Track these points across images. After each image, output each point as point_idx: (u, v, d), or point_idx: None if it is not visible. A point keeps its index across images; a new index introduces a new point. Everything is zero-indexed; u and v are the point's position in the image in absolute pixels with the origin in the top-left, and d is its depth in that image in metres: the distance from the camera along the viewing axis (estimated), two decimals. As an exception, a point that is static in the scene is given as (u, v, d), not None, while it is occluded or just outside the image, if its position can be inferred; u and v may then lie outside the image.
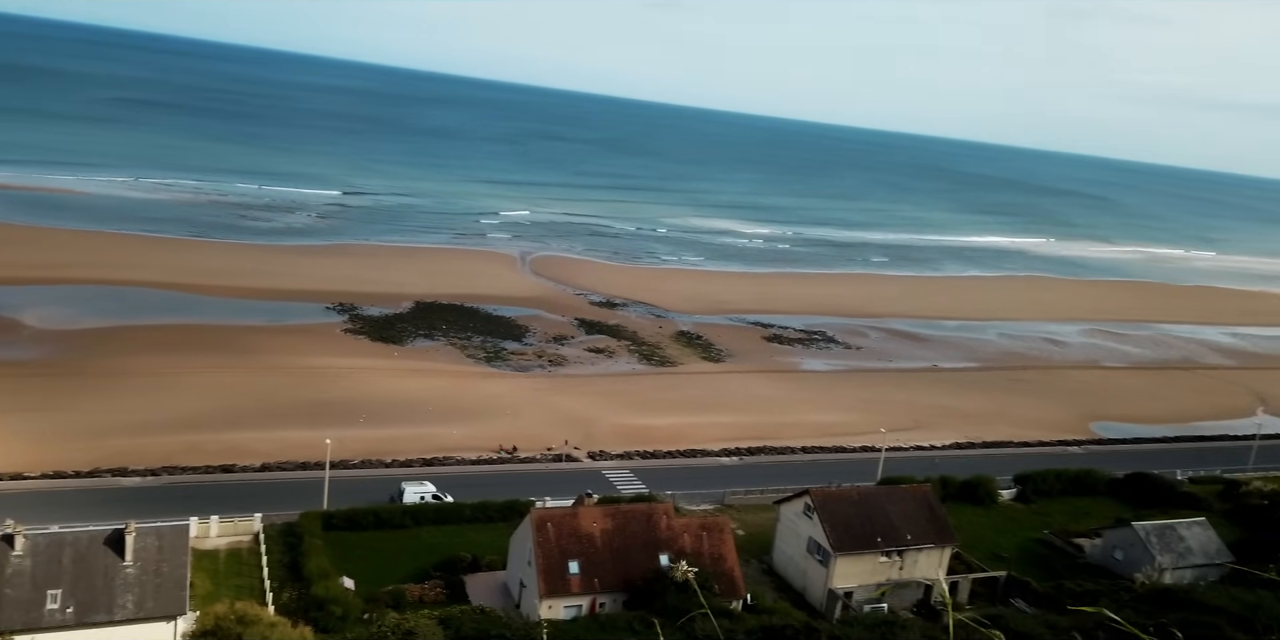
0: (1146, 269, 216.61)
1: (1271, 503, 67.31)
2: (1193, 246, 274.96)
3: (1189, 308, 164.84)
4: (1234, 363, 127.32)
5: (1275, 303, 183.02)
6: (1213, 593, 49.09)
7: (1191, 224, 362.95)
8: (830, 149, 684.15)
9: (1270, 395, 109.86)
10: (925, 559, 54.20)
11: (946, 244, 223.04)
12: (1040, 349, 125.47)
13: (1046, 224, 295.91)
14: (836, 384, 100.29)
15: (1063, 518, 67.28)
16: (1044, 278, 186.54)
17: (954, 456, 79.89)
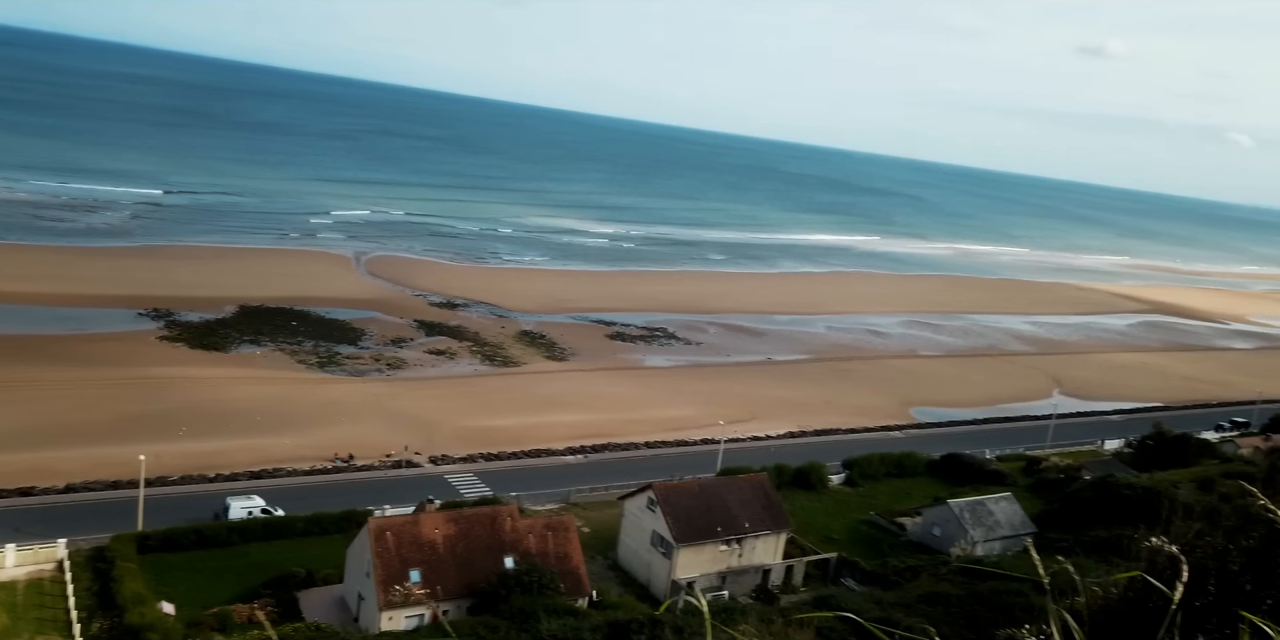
0: (957, 263, 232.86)
1: (1066, 476, 74.11)
2: (997, 242, 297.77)
3: (994, 299, 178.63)
4: (1033, 349, 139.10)
5: (1067, 293, 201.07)
6: (1018, 562, 53.59)
7: (995, 221, 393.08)
8: (669, 149, 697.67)
9: (1064, 378, 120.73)
10: (763, 545, 56.40)
11: (779, 242, 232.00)
12: (865, 340, 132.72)
13: (869, 222, 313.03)
14: (678, 379, 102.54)
15: (887, 499, 71.59)
16: (868, 273, 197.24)
17: (788, 445, 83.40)
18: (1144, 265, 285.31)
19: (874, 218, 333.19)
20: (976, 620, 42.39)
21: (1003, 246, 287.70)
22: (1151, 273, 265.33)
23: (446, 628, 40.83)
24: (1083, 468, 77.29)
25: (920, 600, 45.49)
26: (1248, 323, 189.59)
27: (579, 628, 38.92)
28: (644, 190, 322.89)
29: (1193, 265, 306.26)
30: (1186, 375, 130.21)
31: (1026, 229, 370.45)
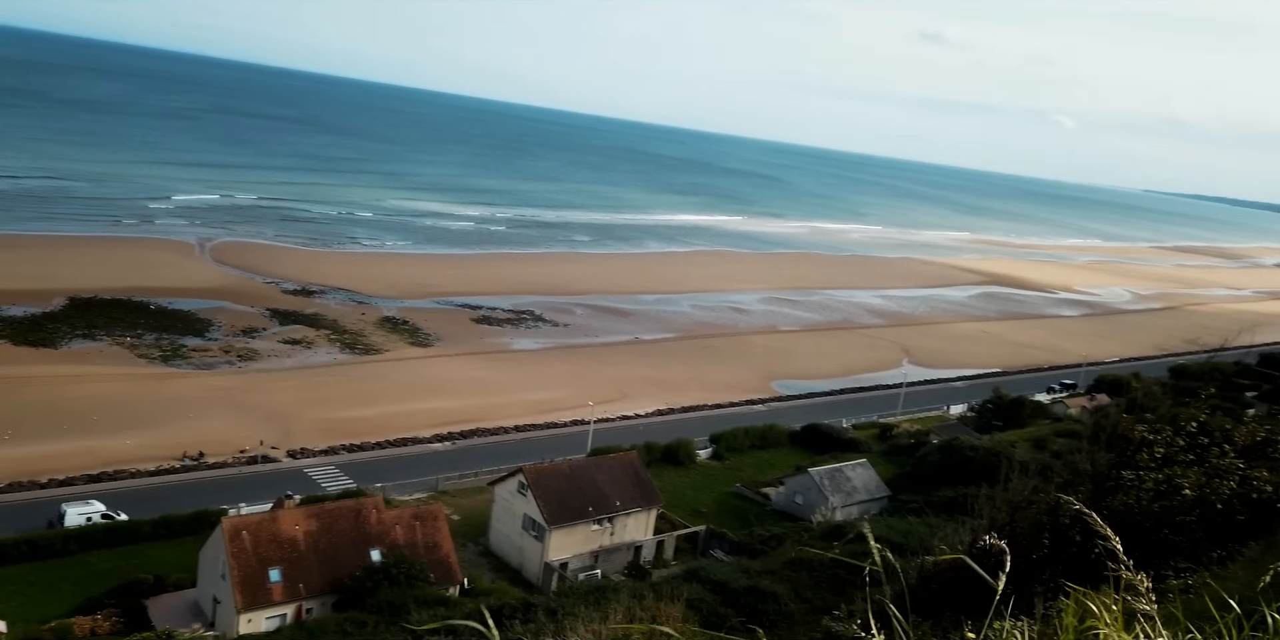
0: (813, 241, 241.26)
1: (916, 441, 78.43)
2: (849, 220, 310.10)
3: (848, 275, 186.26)
4: (883, 321, 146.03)
5: (913, 267, 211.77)
6: (874, 524, 56.42)
7: (847, 200, 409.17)
8: (532, 130, 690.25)
9: (912, 348, 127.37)
10: (634, 522, 57.22)
11: (644, 222, 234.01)
12: (728, 317, 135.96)
13: (730, 202, 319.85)
14: (546, 361, 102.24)
15: (752, 471, 73.90)
16: (729, 252, 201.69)
17: (657, 423, 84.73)
18: (982, 240, 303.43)
19: (734, 198, 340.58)
20: (837, 581, 44.45)
21: (854, 224, 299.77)
22: (988, 247, 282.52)
23: (309, 627, 39.58)
24: (931, 432, 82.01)
25: (785, 566, 47.20)
26: (1074, 292, 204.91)
27: (450, 617, 38.50)
28: (508, 172, 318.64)
29: (1025, 239, 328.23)
30: (1021, 342, 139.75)
31: (876, 207, 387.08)
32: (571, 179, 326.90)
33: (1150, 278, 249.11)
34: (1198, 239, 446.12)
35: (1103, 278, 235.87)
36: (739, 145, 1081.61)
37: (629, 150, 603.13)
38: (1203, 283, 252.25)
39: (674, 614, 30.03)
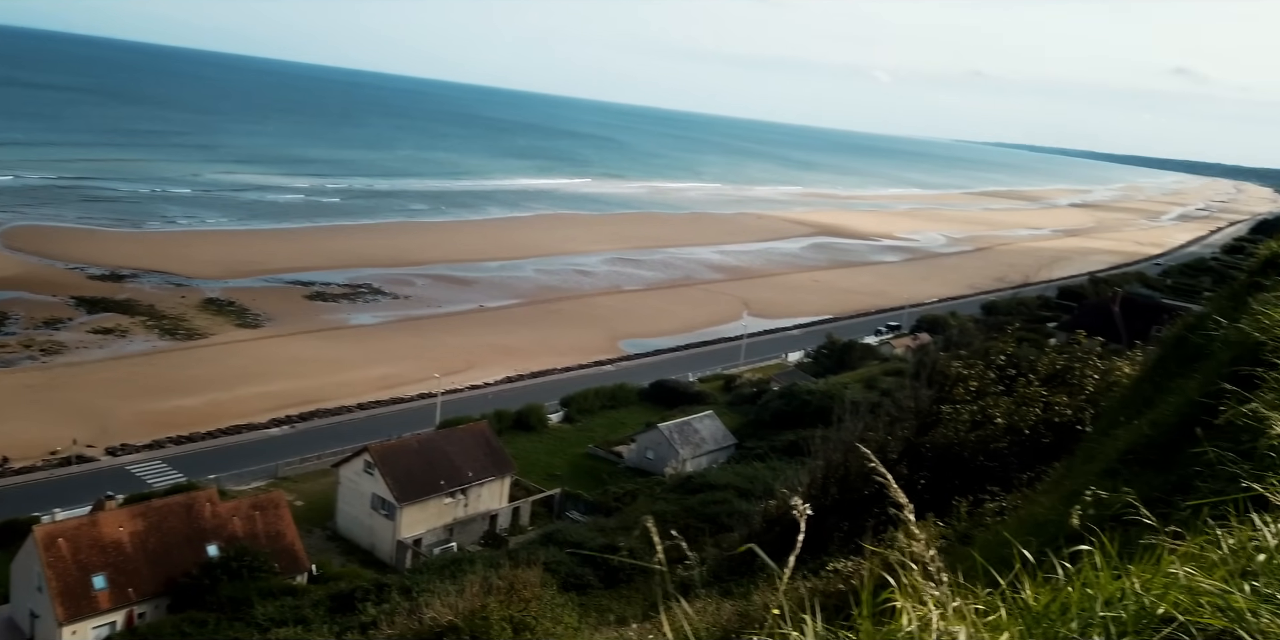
0: (653, 200, 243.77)
1: (758, 390, 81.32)
2: (686, 179, 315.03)
3: (687, 232, 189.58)
4: (723, 276, 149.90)
5: (748, 222, 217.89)
6: (722, 473, 58.33)
7: (684, 159, 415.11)
8: (358, 96, 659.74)
9: (751, 300, 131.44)
10: (488, 492, 56.73)
11: (483, 188, 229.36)
12: (572, 280, 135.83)
13: (570, 164, 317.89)
14: (388, 335, 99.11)
15: (604, 431, 74.62)
16: (571, 214, 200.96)
17: (506, 390, 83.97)
18: (810, 193, 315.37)
19: (574, 160, 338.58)
20: (689, 530, 45.75)
21: (692, 182, 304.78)
22: (816, 199, 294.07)
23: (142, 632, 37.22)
24: (771, 380, 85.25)
25: (639, 521, 48.28)
26: (895, 239, 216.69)
27: (299, 606, 37.09)
28: (335, 140, 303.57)
29: (849, 191, 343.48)
30: (849, 289, 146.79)
31: (711, 165, 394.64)
32: (404, 146, 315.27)
33: (961, 221, 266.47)
34: (1001, 184, 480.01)
35: (920, 224, 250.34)
36: (575, 107, 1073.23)
37: (462, 114, 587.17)
38: (1007, 224, 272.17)
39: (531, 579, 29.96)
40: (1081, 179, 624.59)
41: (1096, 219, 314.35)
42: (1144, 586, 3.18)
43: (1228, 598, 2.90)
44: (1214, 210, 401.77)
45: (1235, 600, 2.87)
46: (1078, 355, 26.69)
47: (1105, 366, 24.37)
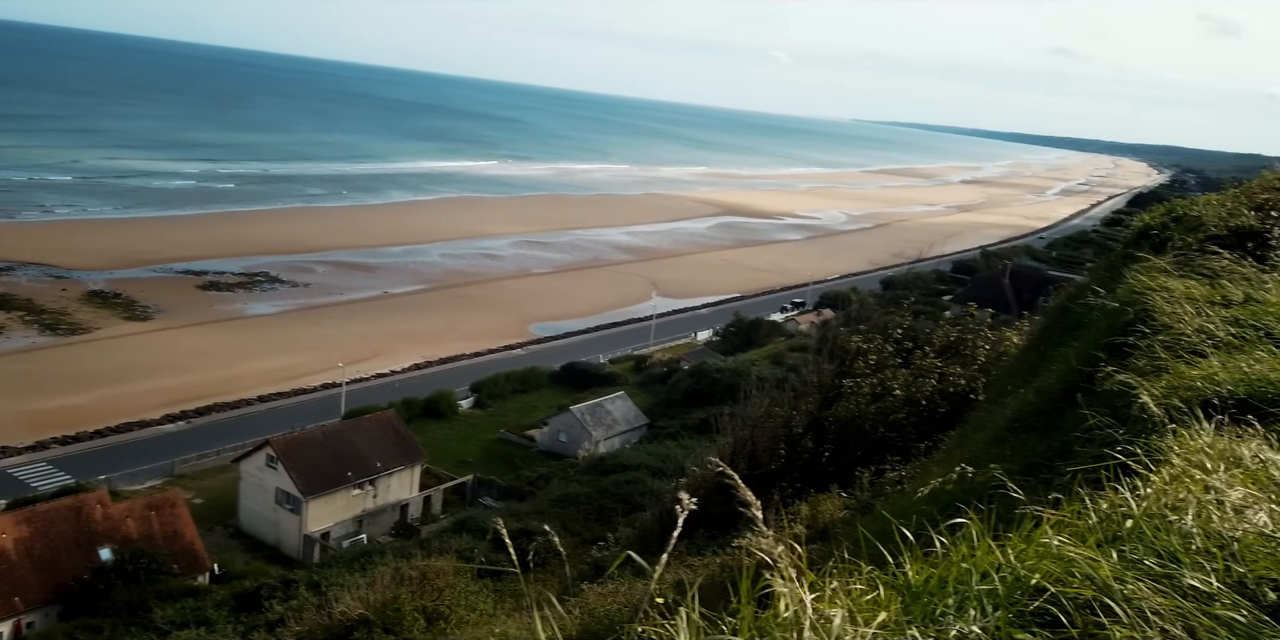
0: (559, 182, 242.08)
1: (669, 369, 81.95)
2: (592, 160, 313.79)
3: (595, 214, 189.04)
4: (631, 257, 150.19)
5: (655, 202, 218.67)
6: (635, 453, 58.68)
7: (590, 140, 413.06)
8: (246, 76, 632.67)
9: (660, 280, 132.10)
10: (398, 481, 55.73)
11: (383, 171, 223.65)
12: (480, 264, 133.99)
13: (473, 146, 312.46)
14: (288, 325, 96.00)
15: (516, 415, 74.10)
16: (476, 197, 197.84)
17: (414, 377, 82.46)
18: (715, 173, 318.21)
19: (478, 142, 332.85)
20: (604, 511, 45.96)
21: (599, 164, 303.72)
22: (721, 179, 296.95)
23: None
24: (681, 359, 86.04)
25: (553, 504, 48.14)
26: (797, 217, 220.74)
27: (200, 607, 35.80)
28: (227, 123, 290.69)
29: (753, 170, 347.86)
30: (755, 267, 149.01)
31: (618, 146, 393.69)
32: (299, 128, 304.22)
33: (861, 199, 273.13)
34: (898, 162, 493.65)
35: (821, 202, 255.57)
36: (476, 87, 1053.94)
37: (358, 95, 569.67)
38: (904, 201, 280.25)
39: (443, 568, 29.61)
40: (972, 156, 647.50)
41: (987, 195, 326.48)
42: (1018, 557, 3.22)
43: (1094, 566, 2.96)
44: (1094, 185, 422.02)
45: (1101, 569, 2.92)
46: (970, 327, 27.60)
47: (995, 337, 25.27)
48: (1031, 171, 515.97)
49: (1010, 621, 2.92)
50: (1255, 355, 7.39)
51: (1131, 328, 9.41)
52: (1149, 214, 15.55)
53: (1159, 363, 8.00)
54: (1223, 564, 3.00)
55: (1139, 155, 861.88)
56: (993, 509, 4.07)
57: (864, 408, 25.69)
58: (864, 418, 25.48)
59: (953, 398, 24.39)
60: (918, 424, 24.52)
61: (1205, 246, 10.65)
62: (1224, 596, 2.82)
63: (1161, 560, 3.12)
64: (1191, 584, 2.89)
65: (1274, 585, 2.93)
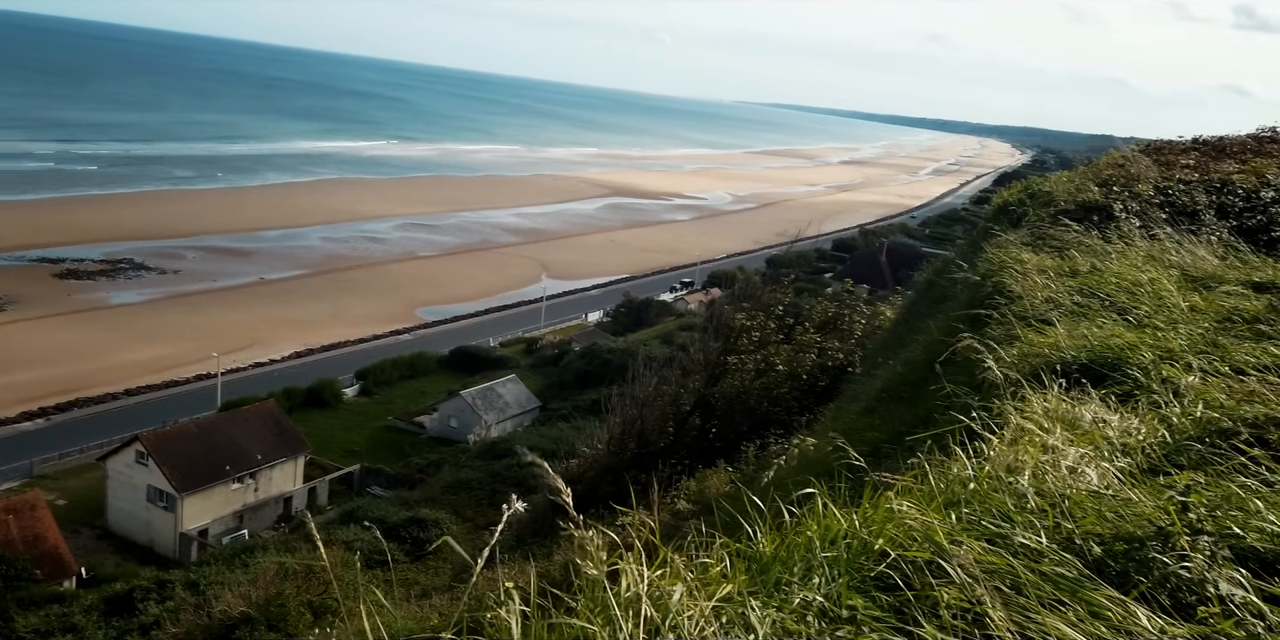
0: (445, 163, 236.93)
1: (560, 351, 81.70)
2: (480, 141, 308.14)
3: (482, 195, 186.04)
4: (520, 239, 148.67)
5: (543, 183, 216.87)
6: (527, 436, 58.33)
7: (476, 120, 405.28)
8: (107, 51, 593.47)
9: (549, 262, 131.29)
10: (280, 474, 53.84)
11: (259, 152, 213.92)
12: (363, 248, 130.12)
13: (355, 126, 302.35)
14: (157, 314, 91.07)
15: (404, 401, 72.55)
16: (359, 179, 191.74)
17: (295, 366, 79.66)
18: (604, 154, 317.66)
19: (359, 121, 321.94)
20: (496, 495, 45.57)
21: (486, 145, 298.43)
22: (610, 160, 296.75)
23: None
24: (572, 340, 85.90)
25: (444, 491, 47.45)
26: (685, 197, 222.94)
27: (68, 613, 33.79)
28: (88, 101, 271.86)
29: (641, 151, 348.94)
30: (644, 247, 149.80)
31: (504, 127, 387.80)
32: (169, 107, 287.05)
33: (746, 179, 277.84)
34: (780, 143, 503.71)
35: (708, 182, 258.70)
36: (357, 65, 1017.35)
37: (232, 72, 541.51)
38: (787, 181, 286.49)
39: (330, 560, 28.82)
40: (850, 138, 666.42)
41: (864, 175, 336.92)
42: (864, 524, 3.26)
43: (931, 530, 3.01)
44: (963, 165, 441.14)
45: (934, 531, 2.98)
46: (847, 303, 28.44)
47: (870, 312, 26.14)
48: (905, 152, 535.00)
49: (852, 586, 2.95)
50: (1097, 322, 7.79)
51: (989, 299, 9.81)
52: (1008, 191, 16.30)
53: (1012, 332, 8.35)
54: (1053, 522, 3.10)
55: (1003, 137, 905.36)
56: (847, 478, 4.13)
57: (748, 383, 26.20)
58: (749, 393, 25.98)
59: (831, 371, 25.13)
60: (799, 397, 25.17)
61: (1056, 220, 11.20)
62: (1052, 553, 2.92)
63: (997, 521, 3.21)
64: (1023, 542, 2.97)
65: (1099, 540, 3.06)
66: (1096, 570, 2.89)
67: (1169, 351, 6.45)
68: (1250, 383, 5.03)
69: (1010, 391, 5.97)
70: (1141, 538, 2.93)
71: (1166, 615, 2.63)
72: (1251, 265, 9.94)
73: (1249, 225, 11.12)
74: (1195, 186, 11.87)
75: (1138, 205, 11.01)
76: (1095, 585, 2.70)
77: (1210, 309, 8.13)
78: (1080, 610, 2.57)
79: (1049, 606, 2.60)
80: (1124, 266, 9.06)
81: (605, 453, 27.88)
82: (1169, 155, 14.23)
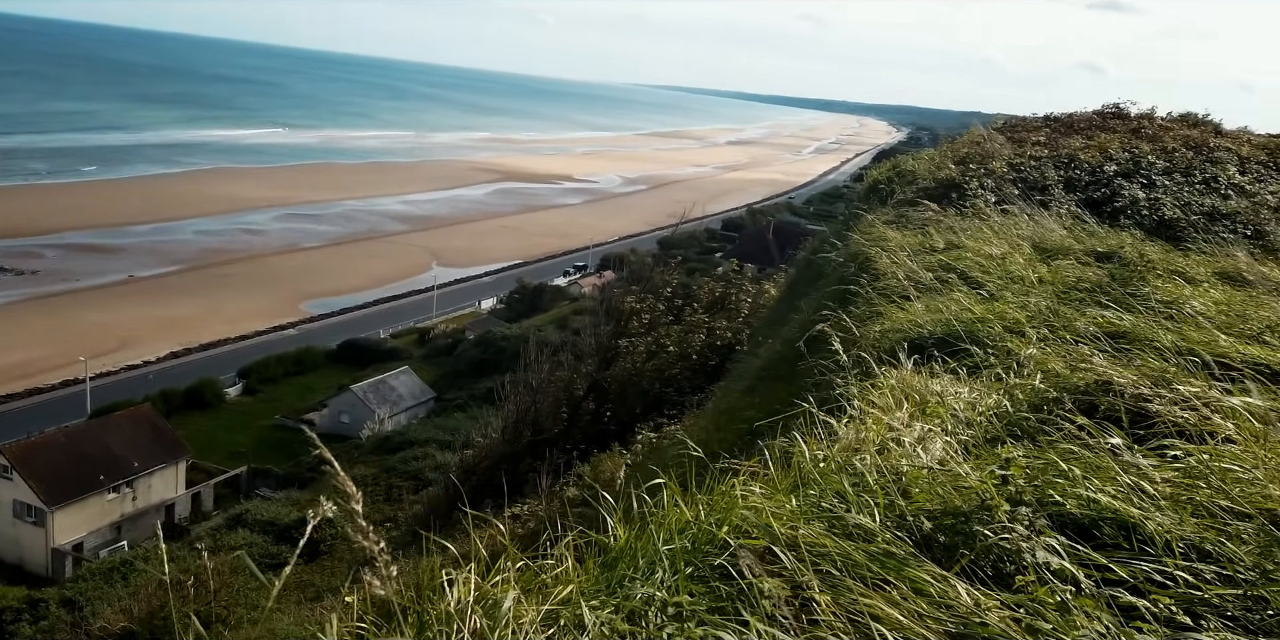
0: (328, 149, 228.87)
1: (453, 340, 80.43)
2: (363, 127, 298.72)
3: (368, 182, 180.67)
4: (409, 227, 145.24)
5: (430, 169, 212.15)
6: (422, 428, 57.34)
7: (356, 105, 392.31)
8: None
9: (439, 250, 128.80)
10: (160, 480, 51.39)
11: (124, 142, 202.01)
12: (241, 240, 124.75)
13: (227, 112, 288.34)
14: (13, 317, 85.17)
15: (292, 398, 70.16)
16: (235, 168, 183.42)
17: (172, 367, 75.94)
18: (492, 138, 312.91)
19: (233, 108, 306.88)
20: (392, 490, 44.68)
21: (369, 130, 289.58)
22: (499, 144, 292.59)
23: None
24: (466, 329, 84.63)
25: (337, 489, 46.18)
26: (576, 181, 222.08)
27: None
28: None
29: (530, 135, 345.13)
30: (536, 232, 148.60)
31: (387, 111, 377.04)
32: (16, 95, 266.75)
33: (636, 161, 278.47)
34: (669, 125, 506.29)
35: (598, 165, 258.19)
36: (220, 48, 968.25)
37: (87, 57, 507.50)
38: (677, 163, 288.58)
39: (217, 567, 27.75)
40: (736, 119, 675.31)
41: (750, 155, 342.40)
42: (708, 512, 3.25)
43: (767, 516, 3.03)
44: (843, 143, 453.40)
45: (766, 518, 2.99)
46: (734, 282, 28.89)
47: (756, 290, 26.61)
48: (789, 132, 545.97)
49: (698, 577, 2.94)
50: (953, 297, 8.08)
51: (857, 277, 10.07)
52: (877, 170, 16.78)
53: (875, 308, 8.59)
54: (884, 500, 3.17)
55: (880, 115, 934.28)
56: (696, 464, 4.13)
57: (640, 366, 26.36)
58: (641, 375, 26.15)
59: (721, 350, 25.52)
60: (691, 377, 25.49)
61: (919, 199, 11.57)
62: (885, 532, 2.98)
63: (836, 502, 3.26)
64: (857, 522, 3.02)
65: (930, 515, 3.14)
66: (926, 546, 2.96)
67: (1016, 323, 6.73)
68: (1083, 351, 5.28)
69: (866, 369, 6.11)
70: (966, 512, 3.02)
71: (988, 587, 2.72)
72: (1096, 236, 10.51)
73: (1094, 197, 11.75)
74: (1045, 162, 12.46)
75: (993, 182, 11.48)
76: (920, 562, 2.77)
77: (1057, 280, 8.54)
78: (904, 588, 2.63)
79: (875, 586, 2.65)
80: (979, 241, 9.43)
81: (500, 441, 27.64)
82: (1022, 132, 14.90)
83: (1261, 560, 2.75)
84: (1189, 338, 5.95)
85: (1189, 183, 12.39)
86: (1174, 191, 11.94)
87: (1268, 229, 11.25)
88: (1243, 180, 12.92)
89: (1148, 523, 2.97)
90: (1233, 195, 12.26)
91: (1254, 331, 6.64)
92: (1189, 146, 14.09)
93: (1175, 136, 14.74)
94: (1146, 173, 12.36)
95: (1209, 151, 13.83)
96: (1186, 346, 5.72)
